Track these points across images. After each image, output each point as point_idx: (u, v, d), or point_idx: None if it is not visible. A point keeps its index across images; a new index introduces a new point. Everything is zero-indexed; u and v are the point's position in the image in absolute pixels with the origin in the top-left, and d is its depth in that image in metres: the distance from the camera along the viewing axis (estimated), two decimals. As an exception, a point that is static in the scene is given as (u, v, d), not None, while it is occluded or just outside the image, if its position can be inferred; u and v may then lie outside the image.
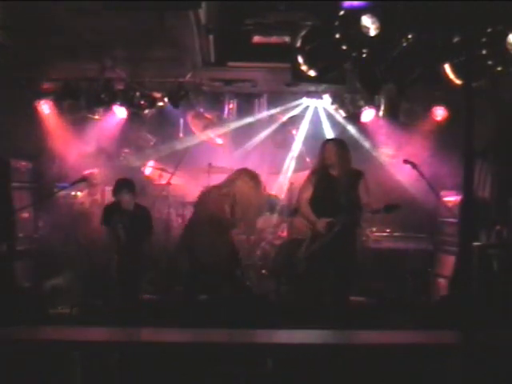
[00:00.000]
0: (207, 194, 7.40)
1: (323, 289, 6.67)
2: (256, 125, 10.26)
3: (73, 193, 9.20)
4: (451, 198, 8.31)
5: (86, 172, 9.01)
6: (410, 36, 5.65)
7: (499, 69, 5.84)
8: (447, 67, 5.98)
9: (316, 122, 9.93)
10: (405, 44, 5.68)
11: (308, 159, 9.46)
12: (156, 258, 8.55)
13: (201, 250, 7.13)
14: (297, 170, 9.62)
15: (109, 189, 8.81)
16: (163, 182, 9.33)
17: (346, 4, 5.49)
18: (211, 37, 7.08)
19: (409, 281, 8.66)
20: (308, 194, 6.58)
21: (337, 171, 6.55)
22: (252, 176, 7.25)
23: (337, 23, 5.53)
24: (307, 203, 6.57)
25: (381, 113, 9.67)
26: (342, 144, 6.81)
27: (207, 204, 7.24)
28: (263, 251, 8.93)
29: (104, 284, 7.97)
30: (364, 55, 5.62)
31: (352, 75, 6.31)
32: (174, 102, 8.93)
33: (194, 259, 7.20)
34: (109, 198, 8.74)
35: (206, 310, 6.98)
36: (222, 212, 7.12)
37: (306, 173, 6.92)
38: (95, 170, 9.12)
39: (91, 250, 8.20)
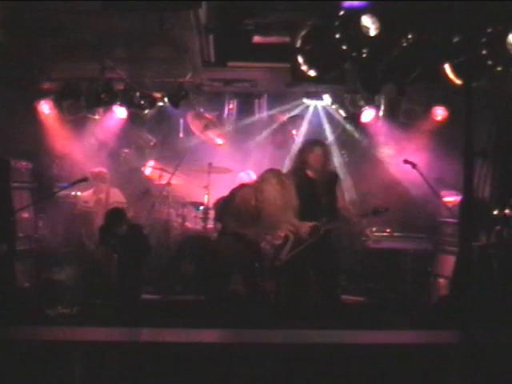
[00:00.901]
0: (237, 191, 7.26)
1: (306, 290, 6.70)
2: (256, 125, 10.26)
3: (73, 193, 9.20)
4: (451, 198, 8.31)
5: (96, 170, 9.02)
6: (409, 36, 5.65)
7: (499, 69, 5.83)
8: (447, 67, 5.98)
9: (316, 122, 9.92)
10: (405, 44, 5.67)
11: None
12: (156, 258, 8.57)
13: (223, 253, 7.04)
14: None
15: (114, 189, 8.80)
16: (163, 182, 9.32)
17: (346, 4, 5.49)
18: (211, 37, 7.08)
19: (409, 281, 8.66)
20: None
21: (317, 173, 6.52)
22: (276, 175, 7.05)
23: (337, 23, 5.53)
24: None
25: (381, 113, 9.68)
26: (327, 148, 6.86)
27: (234, 200, 7.10)
28: (263, 251, 8.92)
29: (104, 284, 7.98)
30: (364, 55, 5.61)
31: (352, 75, 6.30)
32: (174, 102, 8.93)
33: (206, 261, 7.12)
34: (113, 198, 8.74)
35: (206, 310, 6.98)
36: (247, 207, 7.01)
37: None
38: (103, 169, 9.11)
39: (93, 250, 8.20)
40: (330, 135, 9.65)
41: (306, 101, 9.74)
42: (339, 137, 9.71)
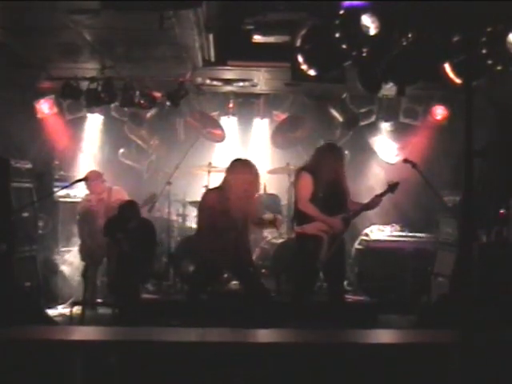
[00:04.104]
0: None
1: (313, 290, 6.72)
2: (256, 125, 10.27)
3: (72, 192, 9.19)
4: (451, 198, 8.31)
5: (89, 172, 9.00)
6: (409, 35, 5.65)
7: (499, 68, 5.83)
8: (447, 66, 5.98)
9: (316, 122, 9.92)
10: (405, 43, 5.67)
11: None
12: (156, 257, 8.56)
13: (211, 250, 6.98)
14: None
15: (116, 188, 8.81)
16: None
17: (346, 3, 5.49)
18: (211, 36, 7.08)
19: (409, 281, 8.66)
20: (309, 193, 6.48)
21: (333, 173, 6.51)
22: (243, 165, 6.88)
23: (337, 22, 5.53)
24: (310, 203, 6.46)
25: (380, 112, 9.69)
26: (342, 150, 7.00)
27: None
28: (263, 251, 8.94)
29: (105, 283, 7.98)
30: (364, 54, 5.61)
31: (352, 75, 6.30)
32: (174, 101, 8.92)
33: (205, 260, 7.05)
34: (115, 196, 8.72)
35: (206, 309, 6.97)
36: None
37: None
38: (97, 170, 9.09)
39: (94, 249, 8.20)
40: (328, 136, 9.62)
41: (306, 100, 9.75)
42: (339, 137, 9.71)
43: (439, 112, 9.60)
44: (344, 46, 5.55)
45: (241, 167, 6.79)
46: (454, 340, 4.24)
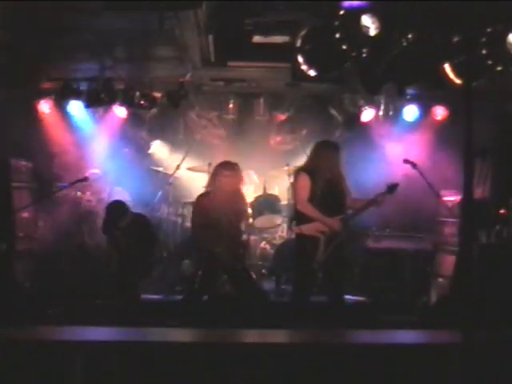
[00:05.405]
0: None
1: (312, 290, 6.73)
2: (256, 124, 10.26)
3: (73, 192, 9.18)
4: (451, 198, 8.31)
5: (89, 172, 8.99)
6: (409, 36, 5.65)
7: (499, 68, 5.84)
8: (447, 67, 5.98)
9: (316, 122, 9.92)
10: (405, 44, 5.68)
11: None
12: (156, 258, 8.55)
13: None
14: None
15: (116, 188, 8.80)
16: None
17: (346, 4, 5.49)
18: (211, 36, 7.09)
19: (409, 281, 8.66)
20: (307, 193, 6.49)
21: (331, 172, 6.52)
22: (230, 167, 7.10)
23: (337, 23, 5.53)
24: (308, 203, 6.48)
25: (381, 112, 9.68)
26: (339, 148, 6.89)
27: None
28: (263, 251, 8.94)
29: (104, 284, 7.97)
30: (364, 55, 5.62)
31: (352, 75, 6.31)
32: (174, 101, 8.92)
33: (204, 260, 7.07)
34: (116, 197, 8.73)
35: (206, 309, 6.98)
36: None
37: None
38: (96, 171, 9.08)
39: (93, 249, 8.20)
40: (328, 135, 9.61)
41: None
42: (339, 137, 9.70)
43: (439, 112, 9.60)
44: (344, 47, 5.56)
45: (222, 169, 7.08)
46: (454, 340, 4.24)
